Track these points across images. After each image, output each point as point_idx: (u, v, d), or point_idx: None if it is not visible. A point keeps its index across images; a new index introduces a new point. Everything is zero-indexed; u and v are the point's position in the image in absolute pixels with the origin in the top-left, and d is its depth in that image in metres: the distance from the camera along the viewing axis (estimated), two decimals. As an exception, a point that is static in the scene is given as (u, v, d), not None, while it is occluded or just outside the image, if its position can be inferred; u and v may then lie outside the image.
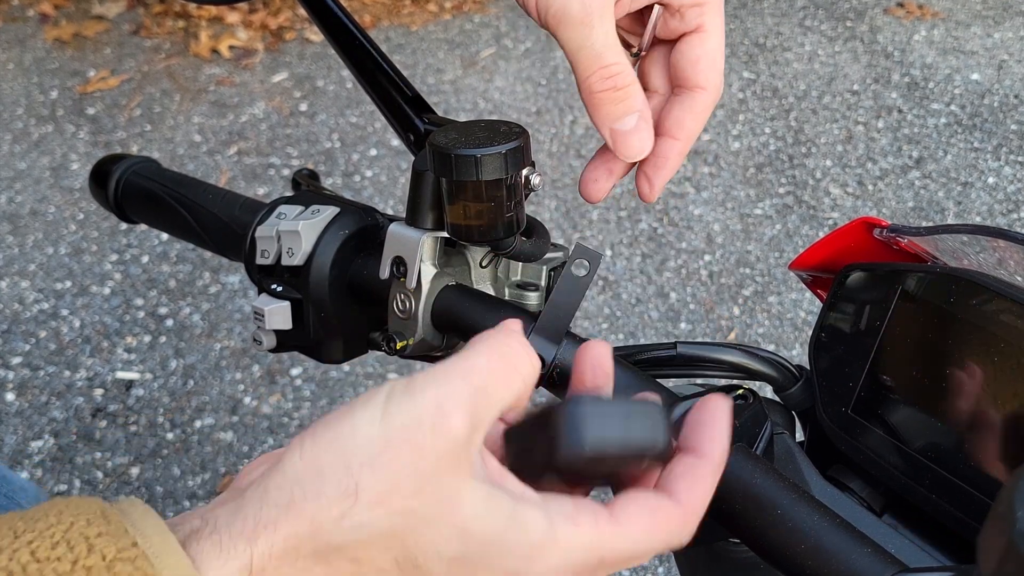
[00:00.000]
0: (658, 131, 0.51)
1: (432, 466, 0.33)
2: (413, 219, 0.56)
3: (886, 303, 0.51)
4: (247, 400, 2.09)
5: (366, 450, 0.33)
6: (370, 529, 0.33)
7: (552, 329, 0.51)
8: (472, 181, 0.50)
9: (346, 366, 2.13)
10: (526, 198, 0.53)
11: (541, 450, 0.36)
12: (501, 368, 0.36)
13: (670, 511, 0.38)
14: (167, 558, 0.32)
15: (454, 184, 0.51)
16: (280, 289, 0.62)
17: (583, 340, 0.53)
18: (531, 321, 0.53)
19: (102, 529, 0.32)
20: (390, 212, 0.62)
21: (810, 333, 2.20)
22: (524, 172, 0.52)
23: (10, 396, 2.10)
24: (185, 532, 0.34)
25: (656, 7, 0.51)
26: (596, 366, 0.44)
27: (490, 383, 0.36)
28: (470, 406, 0.34)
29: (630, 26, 0.54)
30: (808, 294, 2.30)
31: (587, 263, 0.50)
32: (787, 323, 2.26)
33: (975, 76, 3.15)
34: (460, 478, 0.34)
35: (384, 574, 0.34)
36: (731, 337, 2.23)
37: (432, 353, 0.59)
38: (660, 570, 1.79)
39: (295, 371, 2.14)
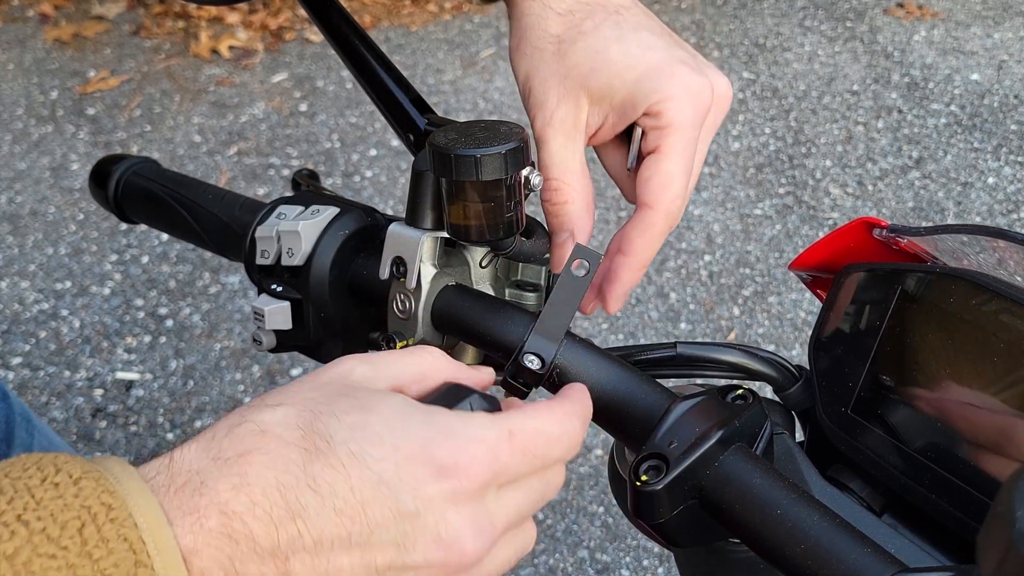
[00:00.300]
0: (618, 246, 0.55)
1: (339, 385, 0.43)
2: (413, 219, 0.56)
3: (886, 303, 0.51)
4: (247, 400, 2.09)
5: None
6: (283, 413, 0.40)
7: (552, 329, 0.51)
8: (472, 181, 0.50)
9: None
10: (526, 198, 0.53)
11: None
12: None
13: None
14: (127, 481, 0.37)
15: (454, 184, 0.51)
16: (280, 289, 0.62)
17: (583, 340, 0.53)
18: (531, 321, 0.53)
19: (68, 458, 0.37)
20: (390, 212, 0.62)
21: (810, 333, 2.21)
22: (524, 172, 0.52)
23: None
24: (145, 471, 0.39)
25: (636, 128, 0.54)
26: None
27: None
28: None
29: (621, 144, 0.57)
30: (808, 294, 2.30)
31: (587, 263, 0.50)
32: (787, 323, 2.26)
33: (975, 76, 3.15)
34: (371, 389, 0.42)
35: (288, 446, 0.39)
36: (731, 337, 2.23)
37: (432, 353, 0.59)
38: (660, 570, 1.79)
39: (295, 371, 2.14)
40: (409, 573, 0.39)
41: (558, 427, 0.44)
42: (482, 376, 0.48)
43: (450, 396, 0.44)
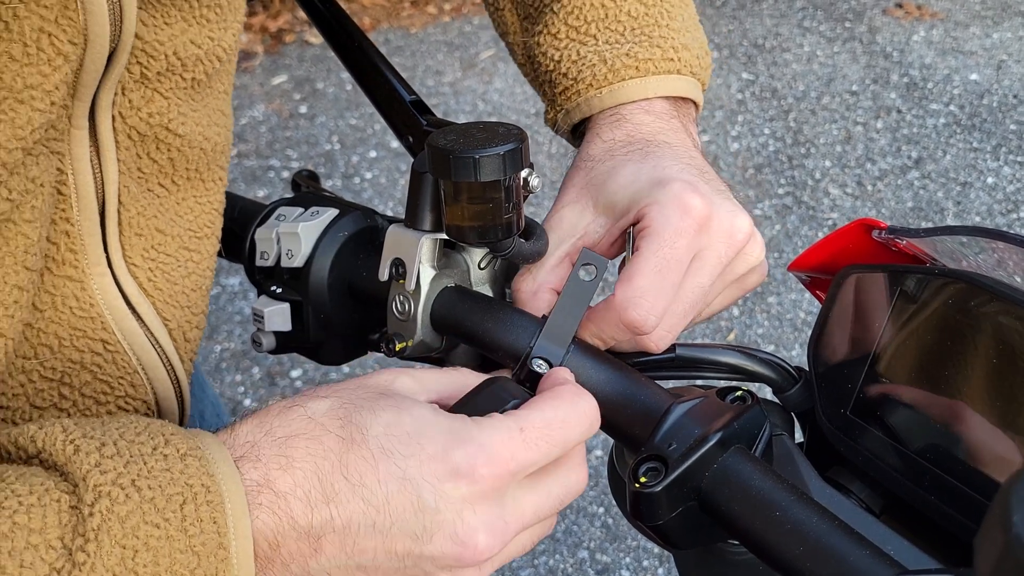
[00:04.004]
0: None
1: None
2: (412, 221, 0.56)
3: (885, 304, 0.51)
4: (247, 402, 2.09)
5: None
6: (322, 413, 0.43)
7: (559, 334, 0.52)
8: (470, 183, 0.50)
9: (346, 368, 2.13)
10: (525, 200, 0.53)
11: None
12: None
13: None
14: (223, 464, 0.40)
15: (452, 185, 0.51)
16: (280, 291, 0.62)
17: (585, 343, 0.53)
18: (535, 324, 0.53)
19: (174, 430, 0.41)
20: (390, 214, 0.62)
21: (809, 333, 2.21)
22: (523, 174, 0.52)
23: (10, 398, 2.10)
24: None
25: (629, 231, 0.56)
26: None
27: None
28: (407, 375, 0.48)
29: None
30: (808, 295, 2.30)
31: (594, 268, 0.50)
32: (786, 324, 2.26)
33: (974, 76, 3.15)
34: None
35: (328, 434, 0.42)
36: (730, 338, 2.23)
37: (431, 354, 0.59)
38: (660, 571, 1.79)
39: (295, 373, 2.15)
40: (425, 562, 0.42)
41: (569, 408, 0.45)
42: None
43: (480, 395, 0.47)
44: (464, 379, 0.49)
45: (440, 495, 0.41)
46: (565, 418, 0.45)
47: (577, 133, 0.67)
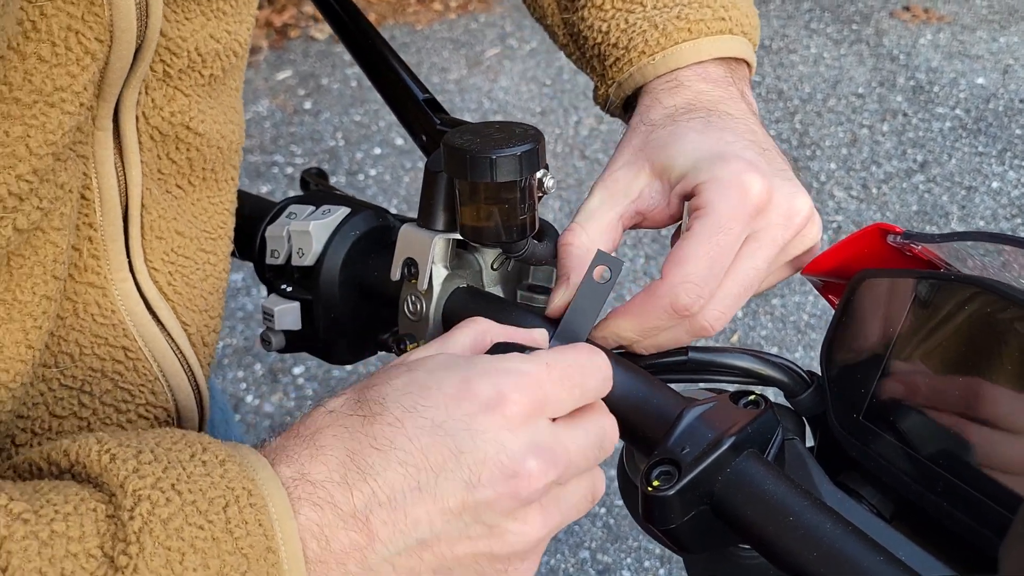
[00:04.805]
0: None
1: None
2: (425, 220, 0.56)
3: (899, 309, 0.51)
4: (249, 399, 2.09)
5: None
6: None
7: (573, 335, 0.52)
8: (486, 183, 0.50)
9: (348, 366, 2.13)
10: (539, 201, 0.53)
11: None
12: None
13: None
14: (262, 471, 0.39)
15: (468, 185, 0.51)
16: (290, 289, 0.62)
17: (604, 347, 0.53)
18: (548, 325, 0.53)
19: (211, 440, 0.40)
20: (394, 211, 0.62)
21: (813, 336, 2.21)
22: (538, 175, 0.52)
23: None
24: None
25: (686, 206, 0.55)
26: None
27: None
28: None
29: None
30: (811, 296, 2.30)
31: (609, 270, 0.50)
32: (790, 325, 2.26)
33: (980, 80, 3.15)
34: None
35: (349, 417, 0.41)
36: (734, 340, 2.23)
37: (442, 355, 0.59)
38: (662, 572, 1.79)
39: (297, 370, 2.15)
40: (484, 512, 0.40)
41: (587, 357, 0.45)
42: (534, 336, 0.49)
43: (497, 350, 0.47)
44: (477, 328, 0.48)
45: (475, 431, 0.40)
46: (585, 364, 0.44)
47: (628, 107, 0.65)
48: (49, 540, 0.35)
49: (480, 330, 0.47)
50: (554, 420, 0.43)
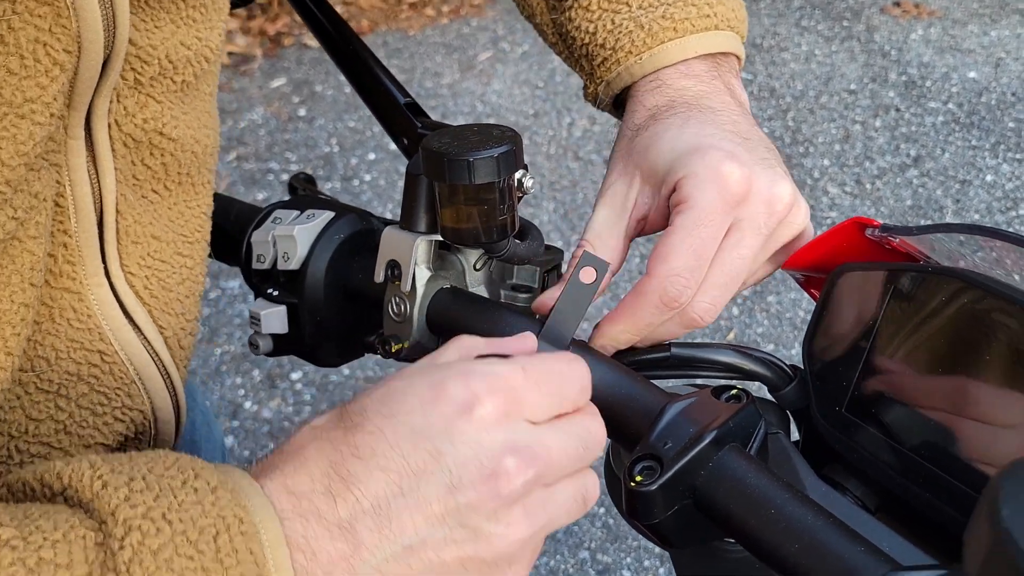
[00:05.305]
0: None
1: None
2: (407, 223, 0.57)
3: (879, 302, 0.51)
4: (247, 404, 2.09)
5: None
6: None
7: (558, 336, 0.52)
8: (464, 185, 0.50)
9: (346, 370, 2.13)
10: (519, 201, 0.54)
11: None
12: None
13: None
14: (255, 497, 0.39)
15: (447, 188, 0.51)
16: (276, 293, 0.63)
17: (581, 343, 0.54)
18: (533, 325, 0.53)
19: (203, 464, 0.40)
20: (389, 216, 0.63)
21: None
22: (517, 175, 0.52)
23: (11, 403, 2.10)
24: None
25: (668, 201, 0.55)
26: None
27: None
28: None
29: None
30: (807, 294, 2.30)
31: (594, 271, 0.50)
32: (786, 322, 2.27)
33: (972, 74, 3.15)
34: None
35: (332, 431, 0.42)
36: (730, 337, 2.23)
37: (428, 356, 0.60)
38: (661, 571, 1.79)
39: (295, 375, 2.15)
40: (467, 514, 0.40)
41: (566, 366, 0.45)
42: (524, 343, 0.49)
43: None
44: (461, 344, 0.48)
45: (453, 433, 0.40)
46: (564, 372, 0.45)
47: (619, 104, 0.66)
48: (36, 567, 0.34)
49: (467, 345, 0.47)
50: (535, 424, 0.43)
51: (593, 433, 0.45)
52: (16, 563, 0.34)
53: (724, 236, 0.53)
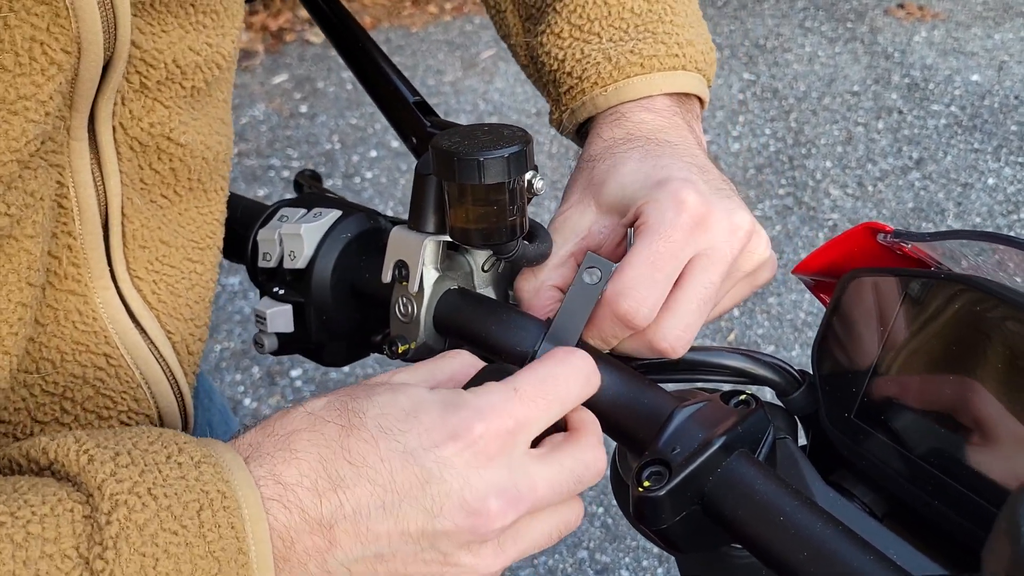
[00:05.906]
0: None
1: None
2: (416, 223, 0.56)
3: (890, 308, 0.51)
4: (247, 401, 2.09)
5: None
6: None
7: (563, 337, 0.52)
8: (474, 185, 0.49)
9: (346, 367, 2.13)
10: (528, 202, 0.53)
11: None
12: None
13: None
14: (237, 471, 0.40)
15: (457, 188, 0.51)
16: (282, 292, 0.62)
17: (587, 345, 0.53)
18: (539, 327, 0.53)
19: (187, 439, 0.41)
20: (390, 213, 0.63)
21: (810, 334, 2.20)
22: (527, 176, 0.51)
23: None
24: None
25: (629, 231, 0.55)
26: None
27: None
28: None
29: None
30: (808, 295, 2.30)
31: (598, 271, 0.50)
32: (787, 324, 2.26)
33: (975, 77, 3.15)
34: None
35: (327, 424, 0.42)
36: (731, 339, 2.23)
37: (434, 357, 0.59)
38: (660, 571, 1.79)
39: (295, 372, 2.14)
40: (442, 540, 0.41)
41: (561, 367, 0.46)
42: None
43: (479, 376, 0.48)
44: (461, 360, 0.49)
45: (443, 463, 0.41)
46: (558, 374, 0.45)
47: (582, 133, 0.66)
48: (24, 542, 0.35)
49: (464, 362, 0.49)
50: (537, 442, 0.44)
51: (589, 467, 0.46)
52: (3, 539, 0.35)
53: (689, 264, 0.53)
